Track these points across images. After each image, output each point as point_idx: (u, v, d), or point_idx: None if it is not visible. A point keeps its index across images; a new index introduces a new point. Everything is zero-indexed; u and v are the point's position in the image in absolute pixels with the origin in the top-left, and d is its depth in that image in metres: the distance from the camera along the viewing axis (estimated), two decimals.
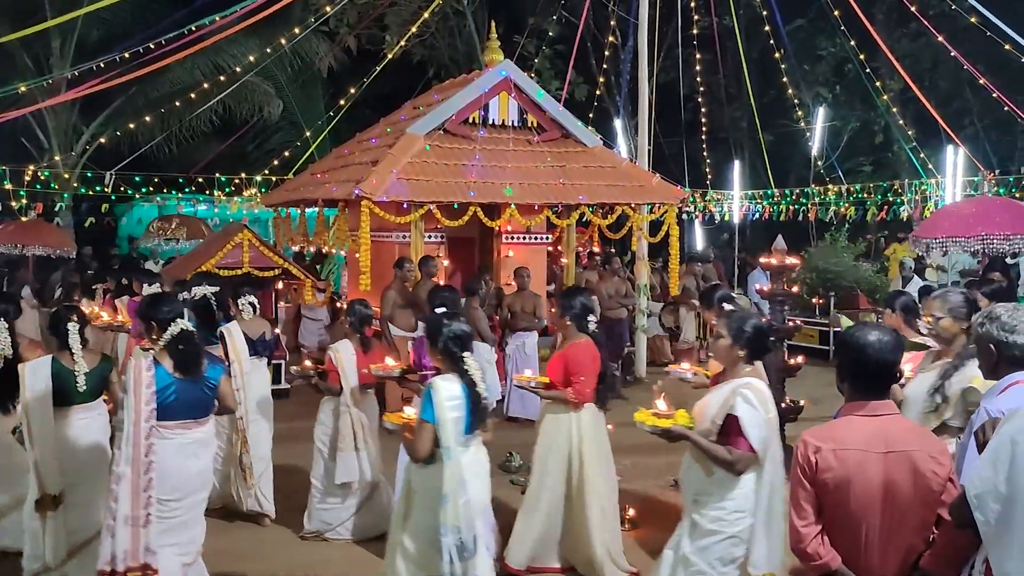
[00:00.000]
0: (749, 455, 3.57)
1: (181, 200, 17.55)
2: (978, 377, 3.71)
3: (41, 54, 15.94)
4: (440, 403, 3.83)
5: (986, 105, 17.60)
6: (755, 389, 3.61)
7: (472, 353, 4.00)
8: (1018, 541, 2.41)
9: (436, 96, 11.09)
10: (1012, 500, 2.43)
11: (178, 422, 4.11)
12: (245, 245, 10.15)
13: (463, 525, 3.83)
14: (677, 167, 18.92)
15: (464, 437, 3.90)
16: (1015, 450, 2.45)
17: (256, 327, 6.36)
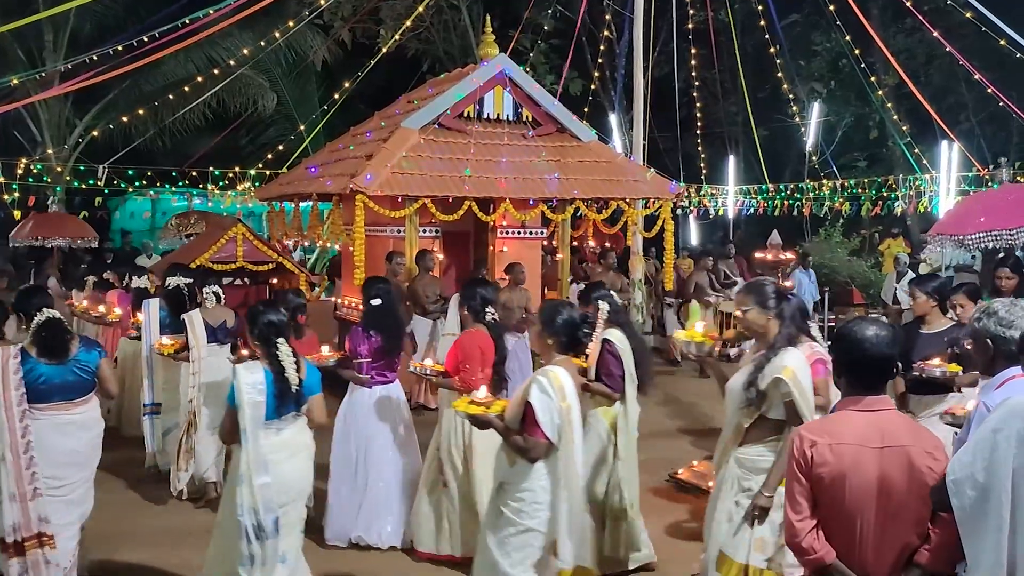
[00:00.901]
0: (541, 443, 3.56)
1: (174, 194, 17.50)
2: (789, 368, 3.70)
3: (34, 47, 15.86)
4: (239, 388, 4.00)
5: (981, 100, 17.64)
6: (552, 376, 3.61)
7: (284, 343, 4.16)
8: (992, 528, 2.45)
9: (431, 90, 11.06)
10: (988, 488, 2.46)
11: (51, 404, 4.44)
12: (239, 239, 10.11)
13: (260, 507, 3.94)
14: (672, 162, 18.90)
15: (273, 421, 4.05)
16: (996, 438, 2.48)
17: (218, 315, 6.48)
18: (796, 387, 3.68)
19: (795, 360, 3.78)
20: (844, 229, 17.25)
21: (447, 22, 19.39)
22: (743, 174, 20.83)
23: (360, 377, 5.54)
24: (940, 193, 15.13)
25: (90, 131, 16.32)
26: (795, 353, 3.81)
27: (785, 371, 3.70)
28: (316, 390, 4.34)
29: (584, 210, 10.71)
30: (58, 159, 16.11)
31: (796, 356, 3.81)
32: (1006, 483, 2.44)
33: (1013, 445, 2.45)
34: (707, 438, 7.44)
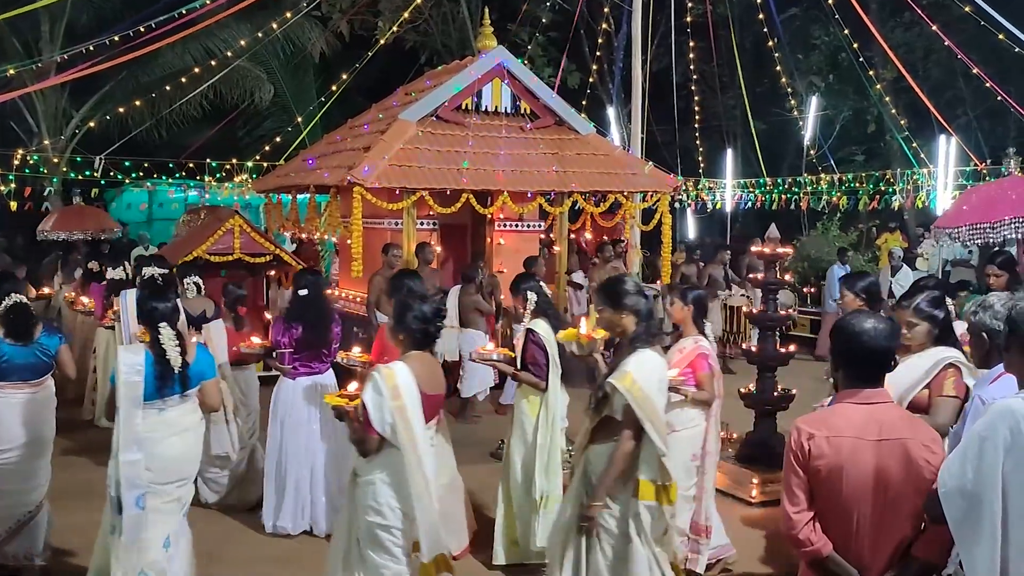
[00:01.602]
0: (371, 438, 3.58)
1: (171, 185, 17.46)
2: (629, 375, 3.62)
3: (30, 37, 15.80)
4: (118, 368, 4.23)
5: (979, 95, 17.63)
6: (386, 374, 3.58)
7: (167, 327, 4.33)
8: (987, 538, 2.42)
9: (428, 82, 11.03)
10: (980, 497, 2.44)
11: (11, 383, 4.90)
12: (236, 231, 10.10)
13: (123, 482, 4.10)
14: (670, 155, 18.86)
15: (155, 401, 4.24)
16: (983, 447, 2.45)
17: (197, 305, 6.62)
18: (632, 394, 3.59)
19: (641, 364, 3.68)
20: (841, 223, 17.27)
21: (445, 14, 19.34)
22: (741, 168, 20.82)
23: (282, 367, 5.72)
24: (938, 188, 15.14)
25: (87, 122, 16.26)
26: (645, 355, 3.71)
27: (624, 379, 3.61)
28: (209, 375, 4.51)
29: (582, 203, 10.70)
30: (54, 150, 16.06)
31: (644, 359, 3.70)
32: (996, 491, 2.42)
33: (1001, 452, 2.43)
34: None
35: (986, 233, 8.88)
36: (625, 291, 3.81)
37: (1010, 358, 2.64)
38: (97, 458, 6.87)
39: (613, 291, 3.86)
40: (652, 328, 3.82)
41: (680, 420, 4.85)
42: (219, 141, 17.07)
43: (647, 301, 3.82)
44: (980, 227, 8.97)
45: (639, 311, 3.77)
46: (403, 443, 3.54)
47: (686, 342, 4.99)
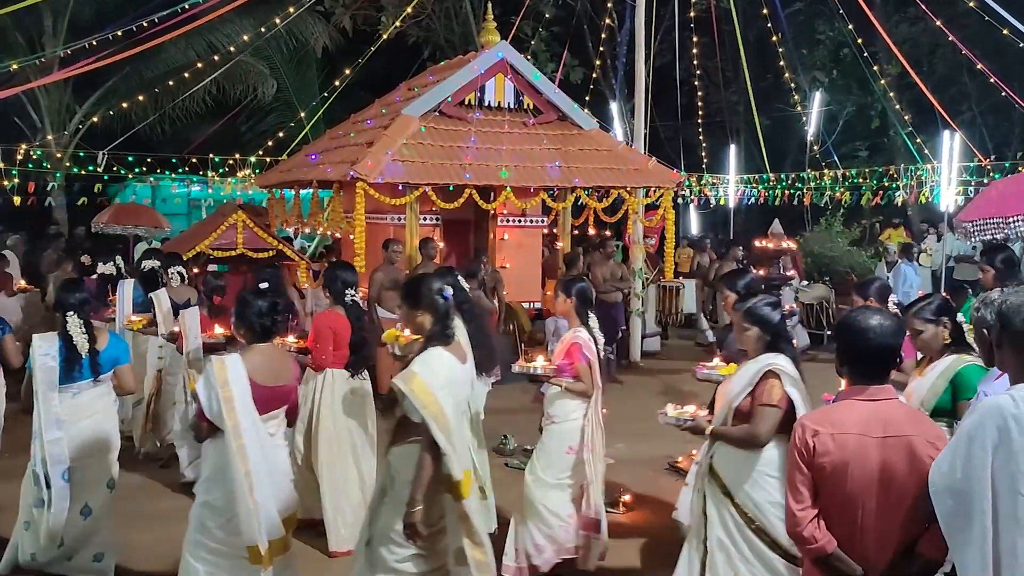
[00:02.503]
0: (201, 424, 3.78)
1: (174, 180, 17.47)
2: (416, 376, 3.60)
3: (34, 32, 15.79)
4: (33, 355, 4.55)
5: (983, 90, 17.59)
6: (217, 366, 3.73)
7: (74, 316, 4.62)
8: (976, 536, 2.41)
9: (432, 77, 11.03)
10: (968, 495, 2.42)
11: None
12: (239, 226, 10.11)
13: (48, 459, 4.49)
14: (673, 151, 18.88)
15: (68, 385, 4.60)
16: (971, 445, 2.44)
17: (183, 294, 6.90)
18: (416, 395, 3.56)
19: (427, 363, 3.65)
20: (845, 219, 17.24)
21: (448, 9, 19.30)
22: (744, 163, 20.79)
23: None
24: (941, 183, 15.10)
25: (90, 117, 16.27)
26: (433, 354, 3.68)
27: (410, 380, 3.59)
28: (123, 361, 4.86)
29: (585, 199, 10.69)
30: (58, 145, 16.06)
31: (431, 358, 3.67)
32: (985, 490, 2.40)
33: (988, 451, 2.41)
34: None
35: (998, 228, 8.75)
36: (423, 289, 3.79)
37: (1002, 355, 2.61)
38: None
39: (411, 289, 3.87)
40: (449, 327, 3.77)
41: (558, 412, 4.90)
42: (222, 136, 17.08)
43: (445, 301, 3.78)
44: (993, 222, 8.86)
45: (436, 310, 3.76)
46: (227, 431, 3.69)
47: (567, 334, 5.03)
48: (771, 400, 3.62)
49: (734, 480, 3.68)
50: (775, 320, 3.78)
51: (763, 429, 3.61)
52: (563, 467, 4.86)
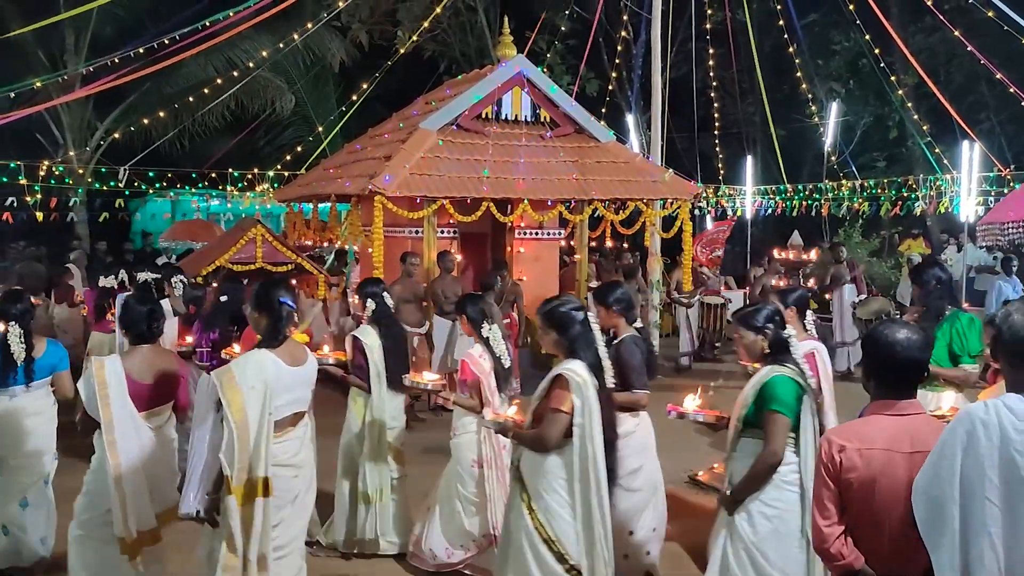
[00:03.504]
0: (86, 421, 4.07)
1: (194, 195, 17.63)
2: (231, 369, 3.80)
3: (55, 50, 16.01)
4: None
5: (1002, 100, 17.47)
6: (96, 366, 4.02)
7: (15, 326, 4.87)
8: (947, 540, 2.41)
9: (448, 91, 11.08)
10: (940, 500, 2.43)
11: None
12: (258, 240, 10.17)
13: None
14: (690, 162, 18.85)
15: (5, 389, 4.91)
16: (943, 450, 2.45)
17: (178, 306, 7.23)
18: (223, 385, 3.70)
19: (243, 361, 3.82)
20: (863, 230, 17.15)
21: (464, 23, 19.42)
22: (761, 174, 20.72)
23: (201, 365, 6.16)
24: (961, 193, 14.99)
25: (111, 133, 16.46)
26: (251, 355, 3.84)
27: (225, 374, 3.74)
28: (60, 368, 5.11)
29: (602, 211, 10.69)
30: (80, 161, 16.25)
31: (247, 357, 3.85)
32: (955, 494, 2.40)
33: (958, 455, 2.41)
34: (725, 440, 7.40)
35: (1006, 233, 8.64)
36: (265, 295, 3.99)
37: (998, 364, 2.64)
38: None
39: (257, 293, 4.07)
40: (281, 330, 3.92)
41: (457, 425, 5.13)
42: (241, 151, 17.22)
43: (282, 306, 3.93)
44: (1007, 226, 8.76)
45: (272, 314, 3.92)
46: (103, 426, 3.97)
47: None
48: (560, 405, 3.66)
49: (532, 486, 3.74)
50: (573, 325, 3.78)
51: (550, 433, 3.65)
52: (470, 481, 5.06)
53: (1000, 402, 2.44)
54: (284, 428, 3.87)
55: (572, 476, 3.65)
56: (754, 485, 3.68)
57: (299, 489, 3.95)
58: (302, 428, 4.01)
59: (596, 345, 3.84)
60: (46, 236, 15.60)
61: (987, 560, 2.38)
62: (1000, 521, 2.38)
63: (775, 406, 3.67)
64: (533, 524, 3.70)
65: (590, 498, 3.63)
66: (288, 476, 3.84)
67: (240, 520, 3.67)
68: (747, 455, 3.76)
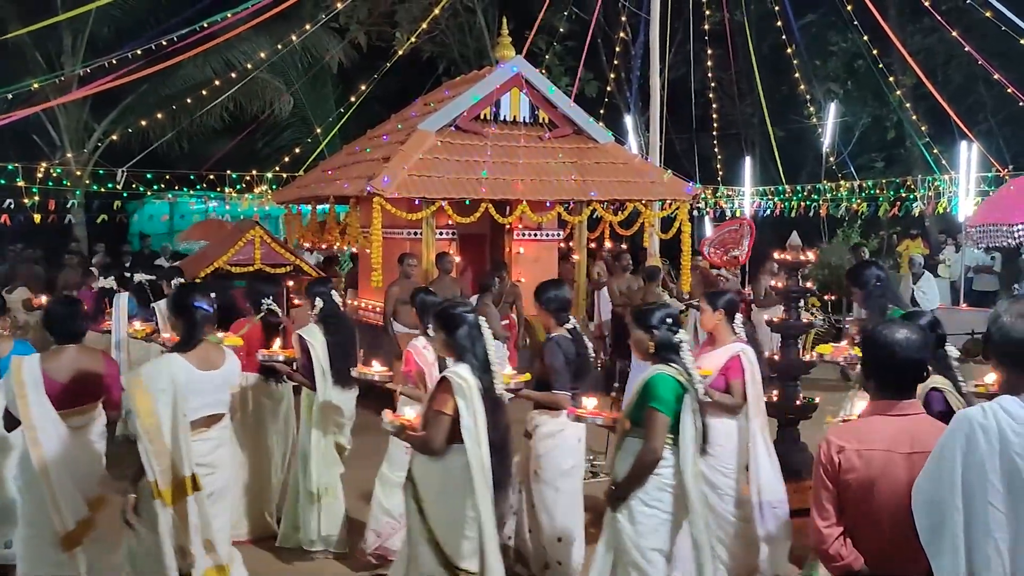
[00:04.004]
0: (8, 417, 4.20)
1: (192, 197, 17.61)
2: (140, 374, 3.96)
3: (52, 52, 15.99)
4: None
5: (1000, 100, 17.46)
6: (15, 366, 4.12)
7: None
8: (948, 546, 2.40)
9: (447, 92, 11.08)
10: (941, 506, 2.42)
11: None
12: (257, 242, 10.15)
13: None
14: (688, 163, 18.85)
15: None
16: (942, 454, 2.44)
17: None
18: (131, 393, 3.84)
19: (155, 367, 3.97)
20: (862, 230, 17.14)
21: (462, 24, 19.40)
22: (759, 175, 20.72)
23: None
24: (959, 194, 15.00)
25: (109, 135, 16.44)
26: (164, 358, 4.01)
27: (134, 380, 3.89)
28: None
29: (600, 212, 10.68)
30: (77, 163, 16.24)
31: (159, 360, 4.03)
32: (956, 501, 2.39)
33: (958, 460, 2.40)
34: None
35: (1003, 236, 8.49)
36: (180, 299, 4.14)
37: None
38: None
39: (174, 298, 4.29)
40: (195, 335, 4.03)
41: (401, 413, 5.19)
42: (239, 153, 17.20)
43: (200, 311, 4.04)
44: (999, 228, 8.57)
45: (187, 319, 4.04)
46: (24, 423, 4.08)
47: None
48: (442, 408, 3.67)
49: (424, 489, 3.76)
50: (460, 326, 3.79)
51: (433, 436, 3.66)
52: (403, 466, 5.09)
53: (997, 405, 2.42)
54: (198, 429, 3.99)
55: (460, 479, 3.63)
56: (635, 483, 3.74)
57: (216, 487, 4.06)
58: (218, 430, 4.13)
59: (485, 347, 3.81)
60: (44, 238, 15.58)
61: (993, 565, 2.36)
62: (1005, 526, 2.36)
63: (654, 404, 3.74)
64: (423, 526, 3.70)
65: (478, 502, 3.61)
66: (202, 474, 3.95)
67: (175, 518, 3.82)
68: (630, 453, 3.82)
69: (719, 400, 4.79)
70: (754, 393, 4.85)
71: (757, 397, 4.88)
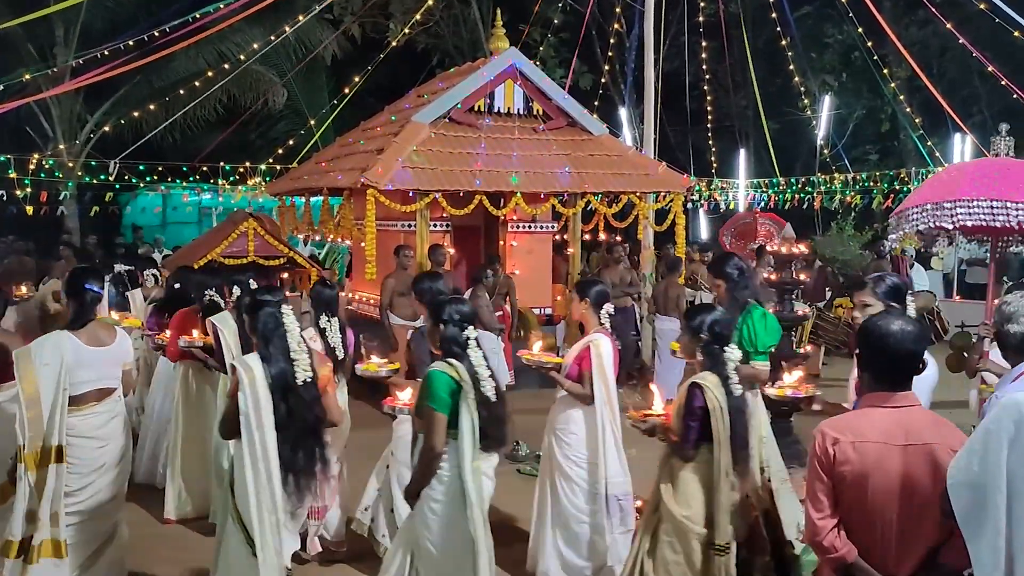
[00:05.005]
0: None
1: (185, 189, 17.55)
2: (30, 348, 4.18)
3: (45, 42, 15.89)
4: None
5: (994, 93, 17.48)
6: None
7: None
8: (989, 531, 2.40)
9: (441, 84, 11.04)
10: (984, 488, 2.41)
11: None
12: (250, 234, 10.13)
13: None
14: (683, 155, 18.84)
15: None
16: (988, 440, 2.43)
17: (156, 294, 7.79)
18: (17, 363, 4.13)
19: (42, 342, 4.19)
20: (856, 222, 17.14)
21: (456, 16, 19.35)
22: (754, 167, 20.74)
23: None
24: None
25: (101, 127, 16.35)
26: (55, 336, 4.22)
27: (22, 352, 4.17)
28: None
29: (595, 204, 10.68)
30: (69, 155, 16.15)
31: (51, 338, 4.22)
32: (1000, 484, 2.39)
33: (1005, 445, 2.40)
34: None
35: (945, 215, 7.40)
36: (73, 281, 4.38)
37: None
38: None
39: (68, 280, 4.45)
40: (85, 314, 4.33)
41: None
42: (232, 144, 17.13)
43: (91, 292, 4.35)
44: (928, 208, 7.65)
45: (77, 299, 4.31)
46: None
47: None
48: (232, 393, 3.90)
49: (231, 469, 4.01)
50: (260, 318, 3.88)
51: (222, 419, 3.99)
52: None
53: None
54: (88, 402, 4.27)
55: (246, 461, 3.76)
56: (421, 480, 3.82)
57: (105, 459, 4.34)
58: (110, 403, 4.39)
59: (283, 339, 3.89)
60: (36, 230, 15.52)
61: None
62: None
63: (428, 401, 3.79)
64: (232, 505, 3.86)
65: (261, 482, 3.73)
66: (91, 447, 4.26)
67: (34, 482, 4.04)
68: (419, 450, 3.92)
69: (569, 388, 4.84)
70: (603, 384, 4.80)
71: (607, 388, 4.82)
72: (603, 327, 4.95)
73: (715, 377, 3.78)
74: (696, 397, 3.75)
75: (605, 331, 4.94)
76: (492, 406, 3.88)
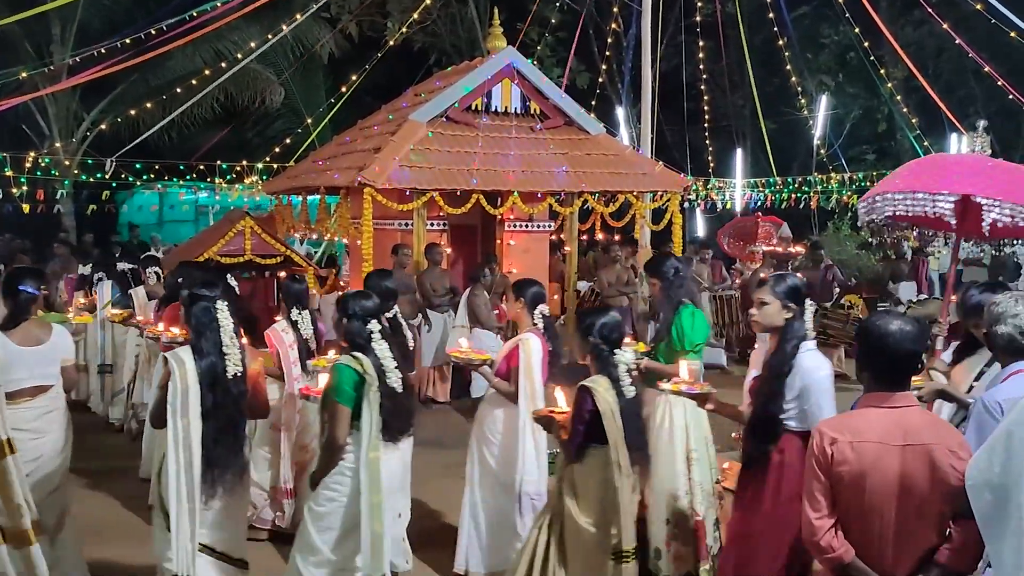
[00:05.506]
0: None
1: (182, 187, 17.53)
2: None
3: (42, 40, 15.87)
4: None
5: (990, 93, 17.54)
6: None
7: None
8: (1012, 530, 2.38)
9: (438, 83, 11.02)
10: (1006, 489, 2.40)
11: None
12: (247, 232, 10.10)
13: None
14: (680, 155, 18.87)
15: None
16: (1010, 441, 2.42)
17: (158, 290, 7.75)
18: None
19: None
20: (853, 222, 17.17)
21: (454, 15, 19.35)
22: (751, 167, 20.77)
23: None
24: None
25: (98, 125, 16.33)
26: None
27: None
28: None
29: (592, 203, 10.69)
30: (66, 153, 16.13)
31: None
32: (1022, 484, 2.37)
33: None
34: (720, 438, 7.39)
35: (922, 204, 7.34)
36: (8, 283, 4.44)
37: None
38: None
39: (3, 281, 4.51)
40: (19, 314, 4.40)
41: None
42: (229, 143, 17.14)
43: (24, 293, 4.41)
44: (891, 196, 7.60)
45: (13, 302, 4.39)
46: None
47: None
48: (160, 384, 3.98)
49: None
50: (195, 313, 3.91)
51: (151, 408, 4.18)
52: (267, 441, 5.54)
53: None
54: (24, 398, 4.38)
55: (170, 449, 3.80)
56: (323, 470, 3.98)
57: (42, 451, 4.44)
58: (46, 399, 4.49)
59: (216, 333, 3.89)
60: (32, 228, 15.50)
61: None
62: None
63: (332, 394, 3.93)
64: (158, 492, 3.95)
65: (182, 470, 3.77)
66: (25, 439, 4.30)
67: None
68: None
69: (495, 385, 4.91)
70: (528, 383, 4.82)
71: (531, 387, 4.83)
72: (535, 327, 4.98)
73: (606, 380, 3.81)
74: (585, 400, 3.80)
75: (537, 331, 4.97)
76: (398, 397, 4.02)
